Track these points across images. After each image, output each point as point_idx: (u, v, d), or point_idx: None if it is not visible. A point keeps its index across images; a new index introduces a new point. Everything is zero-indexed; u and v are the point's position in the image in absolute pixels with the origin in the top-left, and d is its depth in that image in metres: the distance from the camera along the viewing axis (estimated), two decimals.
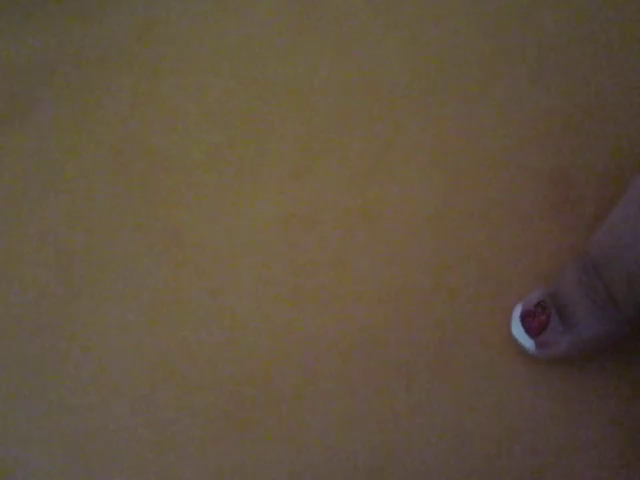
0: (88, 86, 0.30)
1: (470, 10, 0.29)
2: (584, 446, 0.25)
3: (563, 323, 0.24)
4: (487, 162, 0.28)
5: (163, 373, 0.26)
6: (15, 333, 0.26)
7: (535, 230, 0.27)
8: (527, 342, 0.25)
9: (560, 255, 0.27)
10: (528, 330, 0.25)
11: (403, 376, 0.26)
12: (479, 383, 0.26)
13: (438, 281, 0.26)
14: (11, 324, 0.26)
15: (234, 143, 0.29)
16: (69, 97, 0.30)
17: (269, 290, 0.27)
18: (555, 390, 0.26)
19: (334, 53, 0.29)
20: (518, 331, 0.25)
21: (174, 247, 0.28)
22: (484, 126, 0.28)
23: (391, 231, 0.27)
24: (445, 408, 0.26)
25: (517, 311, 0.26)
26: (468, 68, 0.28)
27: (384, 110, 0.28)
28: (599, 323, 0.24)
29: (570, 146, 0.28)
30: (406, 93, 0.28)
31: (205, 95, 0.30)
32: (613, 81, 0.28)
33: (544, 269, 0.26)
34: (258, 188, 0.28)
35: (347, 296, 0.27)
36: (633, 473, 0.25)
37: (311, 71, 0.29)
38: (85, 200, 0.29)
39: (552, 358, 0.25)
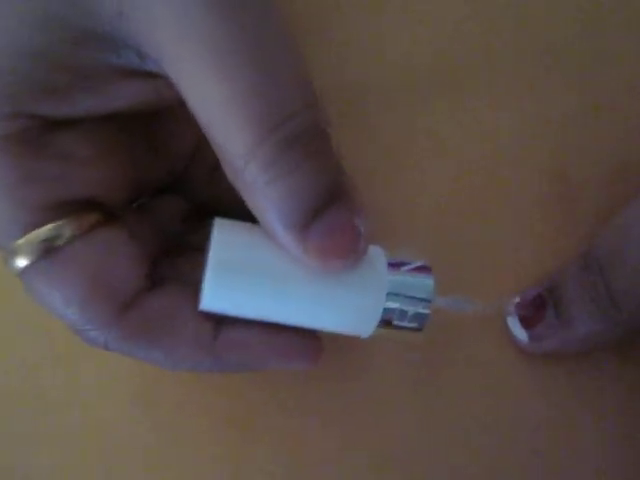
0: None
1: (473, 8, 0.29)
2: (582, 444, 0.25)
3: (558, 318, 0.24)
4: (486, 162, 0.28)
5: (163, 371, 0.25)
6: (15, 335, 0.26)
7: (535, 230, 0.27)
8: (521, 334, 0.25)
9: (560, 255, 0.27)
10: (523, 322, 0.25)
11: (402, 375, 0.26)
12: (478, 381, 0.26)
13: (437, 280, 0.26)
14: (11, 327, 0.26)
15: None
16: None
17: None
18: (554, 389, 0.26)
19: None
20: (513, 322, 0.25)
21: None
22: (483, 125, 0.28)
23: (390, 229, 0.27)
24: (443, 406, 0.26)
25: (515, 302, 0.26)
26: (470, 66, 0.29)
27: (381, 109, 0.28)
28: (594, 321, 0.24)
29: (570, 146, 0.28)
30: (406, 88, 0.28)
31: None
32: (614, 81, 0.28)
33: (544, 269, 0.26)
34: None
35: None
36: (631, 471, 0.25)
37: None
38: None
39: (545, 352, 0.25)
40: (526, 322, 0.25)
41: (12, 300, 0.25)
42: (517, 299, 0.26)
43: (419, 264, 0.21)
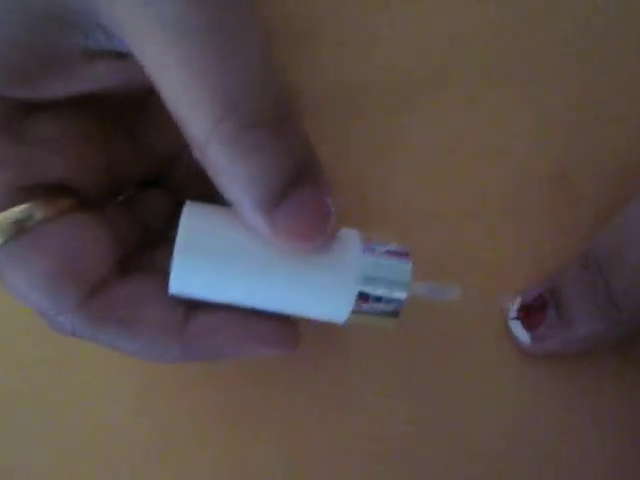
0: None
1: (472, 8, 0.29)
2: (582, 444, 0.25)
3: (560, 318, 0.24)
4: (486, 162, 0.28)
5: (162, 371, 0.25)
6: (15, 335, 0.26)
7: (535, 230, 0.27)
8: (523, 335, 0.25)
9: (560, 255, 0.27)
10: (525, 323, 0.25)
11: (402, 375, 0.26)
12: (478, 381, 0.26)
13: (437, 280, 0.26)
14: (11, 327, 0.26)
15: None
16: None
17: None
18: (554, 389, 0.26)
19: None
20: (515, 324, 0.25)
21: None
22: (483, 126, 0.28)
23: (389, 229, 0.27)
24: (444, 406, 0.26)
25: (516, 303, 0.26)
26: (468, 66, 0.29)
27: (378, 109, 0.28)
28: (594, 321, 0.24)
29: (570, 146, 0.28)
30: (405, 87, 0.28)
31: None
32: (614, 80, 0.28)
33: (544, 269, 0.26)
34: None
35: None
36: (631, 471, 0.25)
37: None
38: None
39: (547, 353, 0.25)
40: (528, 323, 0.25)
41: (12, 300, 0.25)
42: (518, 299, 0.26)
43: (397, 248, 0.21)
